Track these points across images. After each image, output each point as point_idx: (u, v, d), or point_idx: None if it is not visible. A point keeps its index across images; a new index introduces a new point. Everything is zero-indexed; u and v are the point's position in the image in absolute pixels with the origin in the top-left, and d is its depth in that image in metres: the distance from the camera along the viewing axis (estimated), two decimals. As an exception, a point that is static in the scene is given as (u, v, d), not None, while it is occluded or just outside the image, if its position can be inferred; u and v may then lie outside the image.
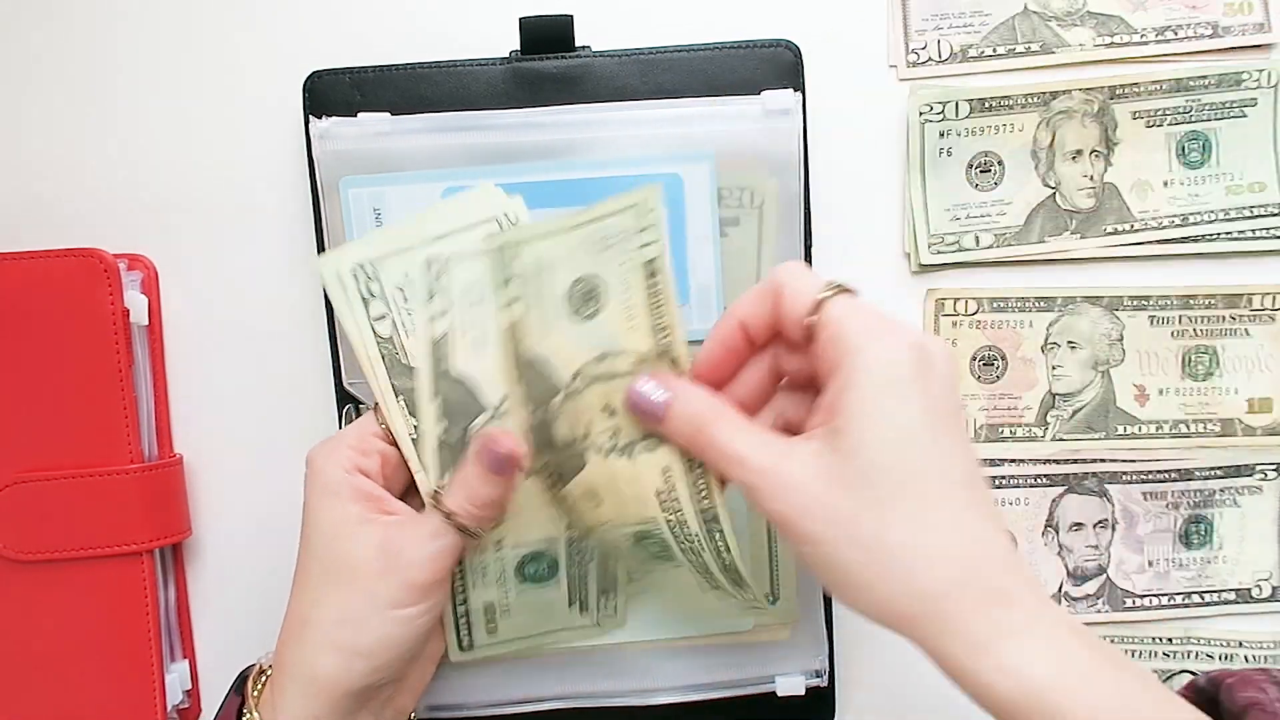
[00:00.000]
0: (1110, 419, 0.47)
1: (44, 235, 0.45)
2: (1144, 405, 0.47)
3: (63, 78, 0.45)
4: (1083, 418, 0.47)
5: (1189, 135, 0.46)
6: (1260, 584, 0.48)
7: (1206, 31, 0.46)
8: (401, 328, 0.38)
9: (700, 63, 0.44)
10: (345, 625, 0.35)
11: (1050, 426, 0.47)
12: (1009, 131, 0.46)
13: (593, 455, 0.37)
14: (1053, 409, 0.47)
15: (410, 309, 0.38)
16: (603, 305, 0.37)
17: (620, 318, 0.37)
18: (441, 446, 0.38)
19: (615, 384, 0.37)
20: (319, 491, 0.36)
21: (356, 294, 0.38)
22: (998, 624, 0.29)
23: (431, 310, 0.38)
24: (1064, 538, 0.47)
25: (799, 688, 0.45)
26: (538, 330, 0.37)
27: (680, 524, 0.37)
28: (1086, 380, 0.47)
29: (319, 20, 0.45)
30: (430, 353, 0.38)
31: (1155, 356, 0.46)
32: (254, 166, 0.45)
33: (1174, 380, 0.47)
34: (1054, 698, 0.28)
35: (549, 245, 0.37)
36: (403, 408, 0.38)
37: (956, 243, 0.46)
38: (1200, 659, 0.48)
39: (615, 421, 0.37)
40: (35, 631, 0.43)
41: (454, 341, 0.38)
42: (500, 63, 0.44)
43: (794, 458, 0.32)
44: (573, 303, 0.37)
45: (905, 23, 0.46)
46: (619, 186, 0.42)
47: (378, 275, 0.38)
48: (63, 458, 0.43)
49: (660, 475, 0.37)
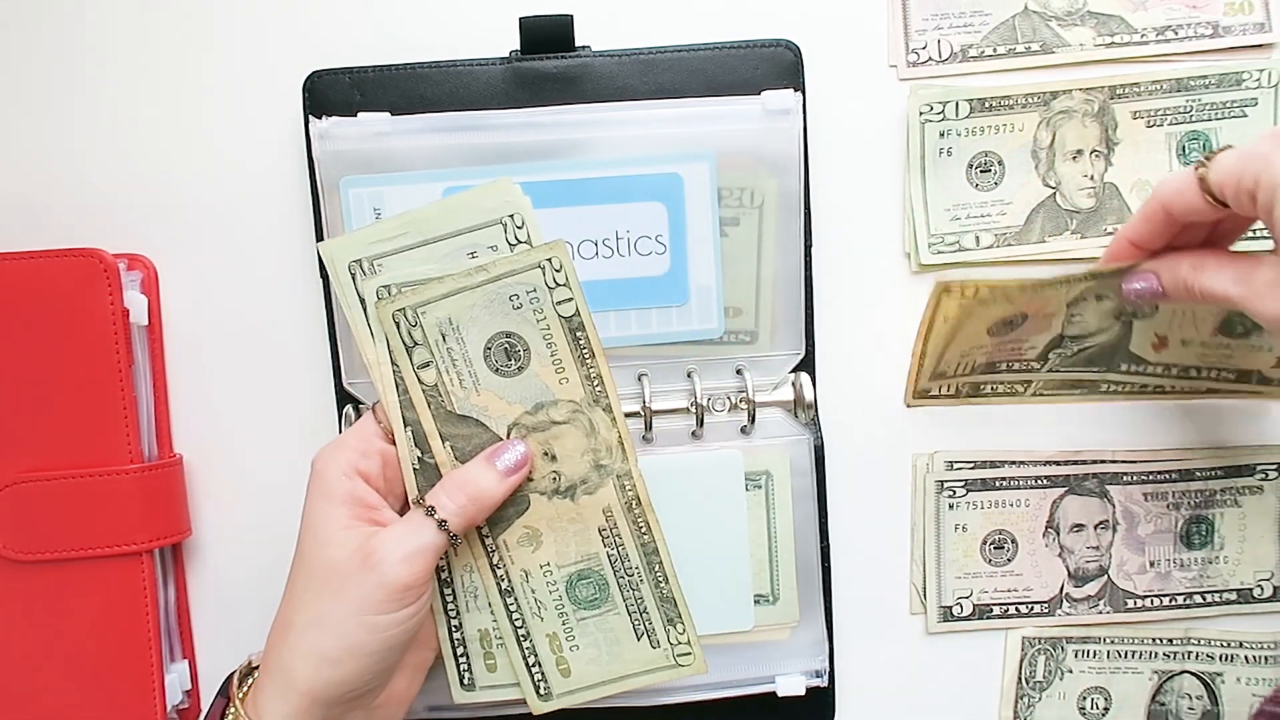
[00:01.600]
0: (1116, 358, 0.46)
1: (44, 235, 0.45)
2: (1159, 352, 0.46)
3: (63, 78, 0.45)
4: (1086, 355, 0.46)
5: (1189, 135, 0.46)
6: (1261, 584, 0.48)
7: (1207, 31, 0.46)
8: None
9: (700, 63, 0.44)
10: (317, 630, 0.35)
11: (1049, 361, 0.46)
12: (1009, 131, 0.46)
13: (535, 497, 0.40)
14: (1057, 348, 0.45)
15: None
16: (526, 361, 0.39)
17: (549, 371, 0.39)
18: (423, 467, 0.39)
19: (553, 432, 0.39)
20: (315, 495, 0.37)
21: (353, 288, 0.39)
22: None
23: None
24: (1065, 539, 0.47)
25: (799, 688, 0.45)
26: (462, 390, 0.39)
27: (622, 558, 0.40)
28: (1104, 325, 0.45)
29: (319, 20, 0.45)
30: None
31: (1194, 315, 0.45)
32: (254, 166, 0.45)
33: (1205, 334, 0.45)
34: None
35: (450, 307, 0.38)
36: (400, 403, 0.39)
37: (956, 242, 0.46)
38: (1201, 659, 0.48)
39: (556, 466, 0.39)
40: (35, 631, 0.43)
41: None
42: (500, 63, 0.44)
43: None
44: (492, 361, 0.39)
45: (905, 23, 0.46)
46: (619, 186, 0.43)
47: (381, 270, 0.38)
48: (63, 458, 0.43)
49: (601, 514, 0.40)
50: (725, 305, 0.44)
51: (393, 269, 0.39)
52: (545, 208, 0.42)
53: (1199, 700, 0.48)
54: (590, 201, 0.43)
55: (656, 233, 0.43)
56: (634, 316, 0.44)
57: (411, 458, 0.39)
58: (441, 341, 0.38)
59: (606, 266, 0.43)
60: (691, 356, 0.44)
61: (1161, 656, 0.48)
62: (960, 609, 0.47)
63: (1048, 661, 0.48)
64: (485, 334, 0.38)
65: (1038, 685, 0.48)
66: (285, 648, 0.35)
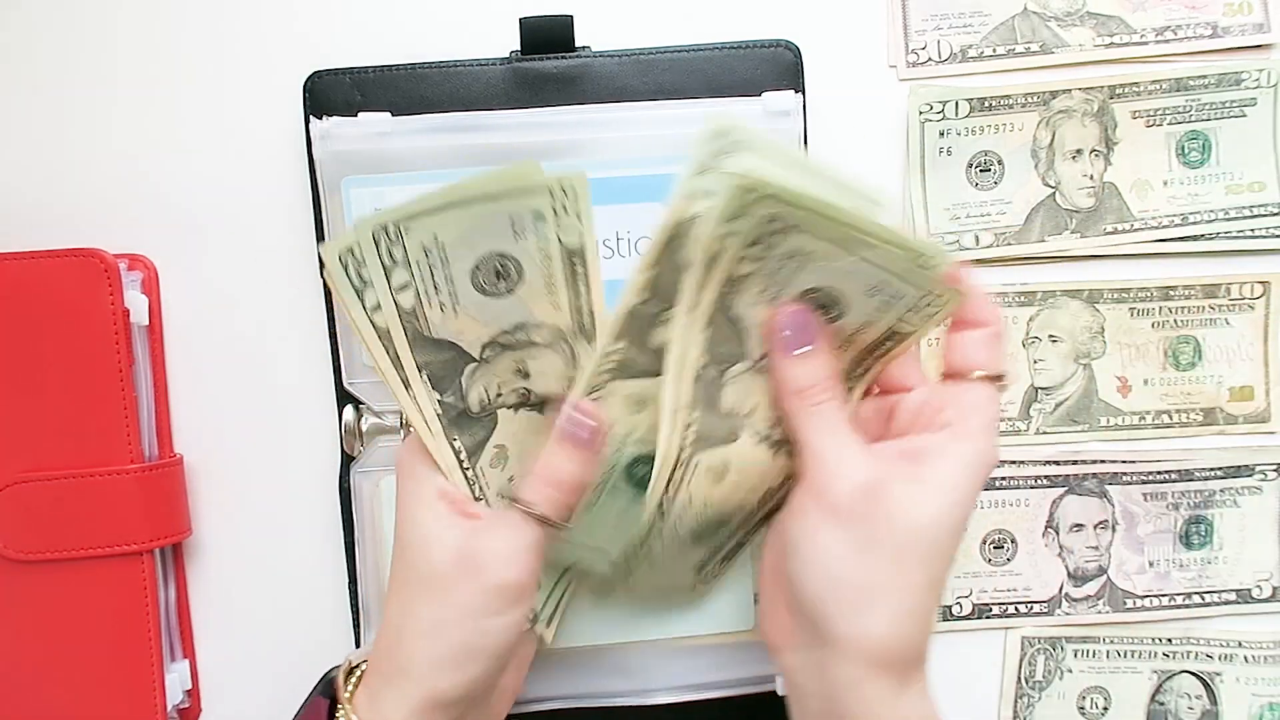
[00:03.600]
0: (1093, 411, 0.47)
1: (44, 235, 0.45)
2: (1127, 396, 0.47)
3: (63, 78, 0.45)
4: (1065, 411, 0.47)
5: (1189, 135, 0.46)
6: (1261, 584, 0.48)
7: (1206, 31, 0.46)
8: (425, 298, 0.35)
9: (700, 63, 0.44)
10: (429, 639, 0.34)
11: (1034, 420, 0.47)
12: (1009, 131, 0.46)
13: (502, 412, 0.37)
14: (1035, 402, 0.47)
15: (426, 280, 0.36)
16: (516, 284, 0.36)
17: (538, 296, 0.36)
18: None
19: (531, 351, 0.36)
20: (406, 492, 0.36)
21: (373, 265, 0.35)
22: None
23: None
24: (1064, 539, 0.47)
25: (799, 688, 0.45)
26: (440, 315, 0.35)
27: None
28: (1068, 373, 0.47)
29: (319, 20, 0.45)
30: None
31: (1137, 348, 0.47)
32: (254, 166, 0.45)
33: (1156, 371, 0.47)
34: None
35: (437, 223, 0.34)
36: (425, 385, 0.36)
37: (956, 242, 0.46)
38: (1201, 659, 0.48)
39: (528, 384, 0.37)
40: (35, 631, 0.43)
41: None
42: (500, 63, 0.44)
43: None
44: (479, 279, 0.35)
45: (905, 23, 0.46)
46: (620, 187, 0.43)
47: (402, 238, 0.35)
48: (63, 458, 0.43)
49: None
50: (725, 305, 0.44)
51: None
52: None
53: (1198, 700, 0.48)
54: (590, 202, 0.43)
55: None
56: (634, 316, 0.44)
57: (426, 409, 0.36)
58: (425, 258, 0.34)
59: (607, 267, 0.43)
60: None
61: (1161, 656, 0.48)
62: (960, 608, 0.47)
63: (1047, 661, 0.48)
64: (476, 253, 0.35)
65: (1037, 685, 0.48)
66: (399, 653, 0.34)
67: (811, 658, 0.34)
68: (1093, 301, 0.47)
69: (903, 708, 0.33)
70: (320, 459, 0.45)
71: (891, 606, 0.32)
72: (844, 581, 0.32)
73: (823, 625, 0.33)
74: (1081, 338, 0.47)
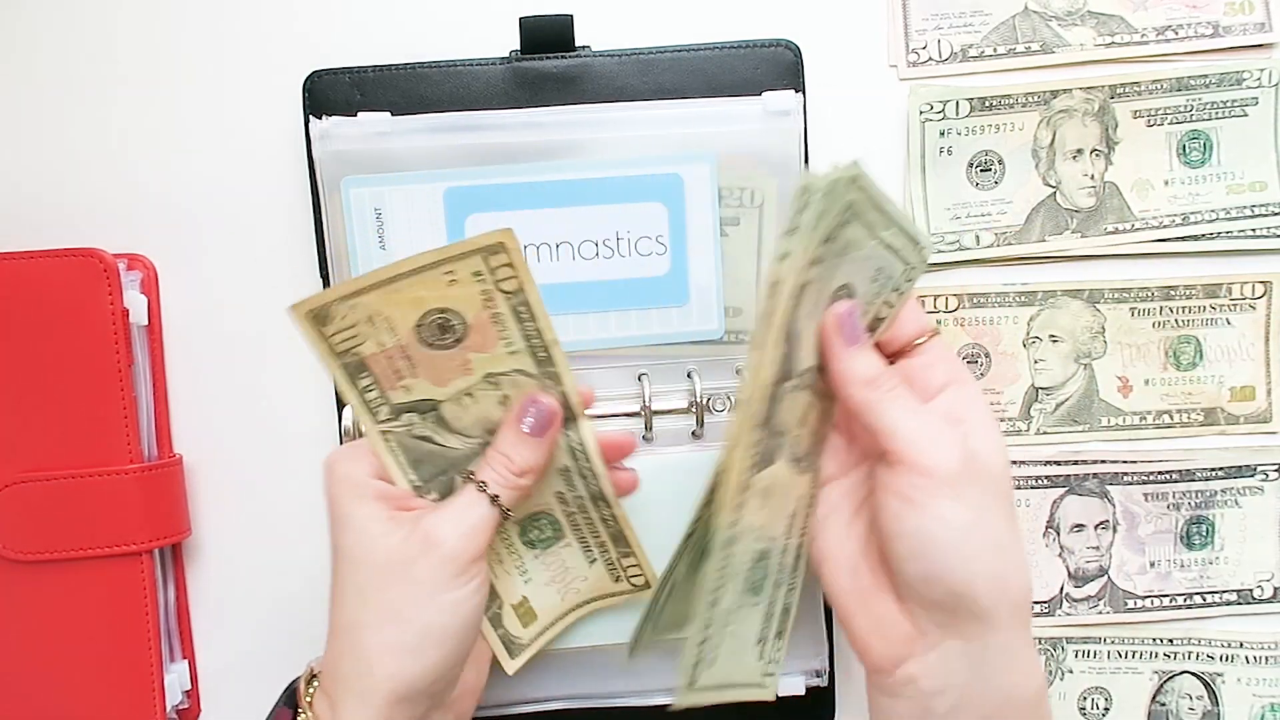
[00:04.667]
0: (1094, 411, 0.47)
1: (44, 235, 0.45)
2: (1127, 396, 0.47)
3: (63, 78, 0.45)
4: (1066, 411, 0.47)
5: (1190, 134, 0.46)
6: (1262, 584, 0.48)
7: (1207, 31, 0.46)
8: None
9: (700, 63, 0.44)
10: (393, 623, 0.34)
11: (1034, 420, 0.47)
12: (1009, 130, 0.46)
13: (783, 456, 0.36)
14: (1036, 402, 0.47)
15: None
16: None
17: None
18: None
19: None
20: (346, 494, 0.36)
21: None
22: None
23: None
24: (1065, 539, 0.47)
25: (799, 688, 0.45)
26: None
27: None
28: (1069, 373, 0.47)
29: (319, 20, 0.45)
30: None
31: (1137, 348, 0.47)
32: (254, 166, 0.45)
33: (1157, 371, 0.47)
34: None
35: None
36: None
37: (957, 241, 0.46)
38: (1202, 660, 0.48)
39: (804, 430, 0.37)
40: (35, 631, 0.43)
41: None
42: (500, 63, 0.44)
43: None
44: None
45: (905, 23, 0.46)
46: (620, 187, 0.43)
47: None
48: (63, 458, 0.43)
49: (801, 498, 0.38)
50: (725, 305, 0.44)
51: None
52: (545, 208, 0.42)
53: (1199, 700, 0.48)
54: (590, 202, 0.43)
55: (657, 233, 0.43)
56: (634, 317, 0.44)
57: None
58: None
59: (607, 267, 0.43)
60: (692, 357, 0.44)
61: (1162, 657, 0.48)
62: (960, 609, 0.47)
63: (1048, 662, 0.48)
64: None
65: (1038, 685, 0.48)
66: (359, 649, 0.34)
67: (951, 649, 0.34)
68: (1093, 301, 0.47)
69: (1037, 660, 0.35)
70: (320, 459, 0.45)
71: (1016, 554, 0.34)
72: (977, 546, 0.33)
73: (967, 600, 0.33)
74: (1082, 338, 0.47)
